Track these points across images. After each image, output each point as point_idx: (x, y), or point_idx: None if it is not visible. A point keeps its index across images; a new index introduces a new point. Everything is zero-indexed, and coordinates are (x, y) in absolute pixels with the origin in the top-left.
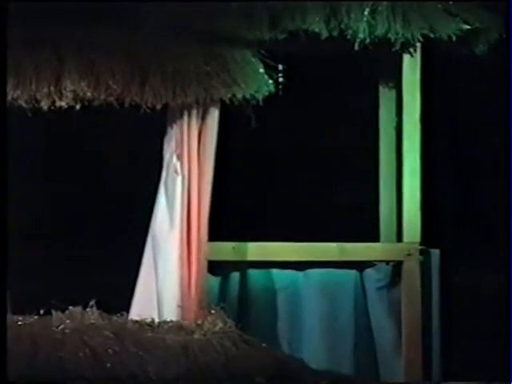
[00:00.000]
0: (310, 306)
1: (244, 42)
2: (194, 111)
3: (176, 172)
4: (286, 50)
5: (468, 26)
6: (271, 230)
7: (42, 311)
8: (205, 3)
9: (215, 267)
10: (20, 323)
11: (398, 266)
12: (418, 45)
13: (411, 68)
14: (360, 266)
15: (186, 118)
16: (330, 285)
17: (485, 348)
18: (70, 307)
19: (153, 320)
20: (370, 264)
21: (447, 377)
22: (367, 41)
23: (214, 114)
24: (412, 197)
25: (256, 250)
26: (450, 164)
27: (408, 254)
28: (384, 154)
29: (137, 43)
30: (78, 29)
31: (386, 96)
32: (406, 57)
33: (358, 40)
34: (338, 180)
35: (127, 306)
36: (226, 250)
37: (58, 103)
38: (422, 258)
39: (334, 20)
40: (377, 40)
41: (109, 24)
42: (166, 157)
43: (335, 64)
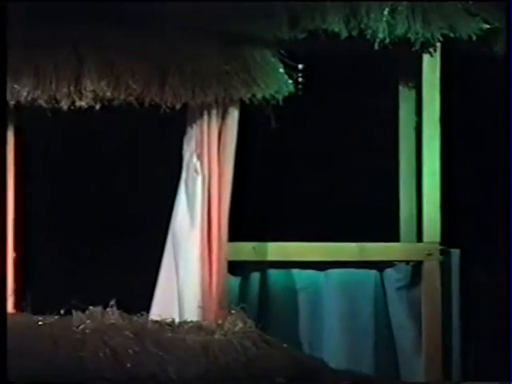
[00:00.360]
0: (330, 305)
1: (264, 41)
2: (213, 111)
3: (196, 172)
4: (305, 50)
5: (488, 26)
6: (291, 230)
7: (62, 311)
8: (224, 3)
9: (235, 267)
10: (40, 323)
11: (418, 265)
12: (438, 44)
13: (431, 68)
14: (380, 265)
15: (205, 117)
16: (350, 285)
17: (505, 348)
18: (91, 307)
19: (173, 320)
20: (390, 264)
21: (467, 376)
22: (387, 41)
23: (234, 114)
24: (432, 197)
25: (276, 250)
26: (469, 164)
27: (428, 254)
28: (404, 154)
29: (156, 43)
30: (97, 28)
31: (405, 96)
32: (426, 57)
33: (378, 40)
34: (357, 180)
35: (147, 306)
36: (247, 250)
37: (78, 103)
38: (442, 257)
39: (353, 20)
40: (396, 40)
41: (128, 24)
42: (185, 156)
43: (355, 64)
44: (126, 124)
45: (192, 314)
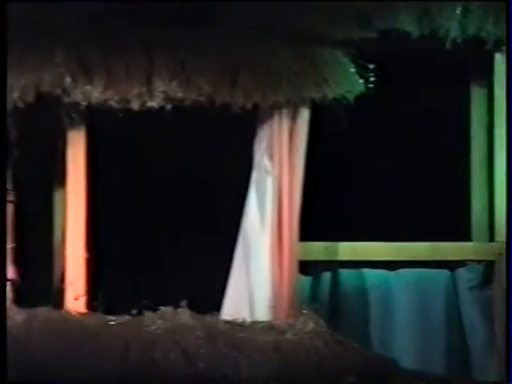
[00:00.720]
0: (402, 305)
1: (335, 41)
2: (284, 111)
3: (267, 172)
4: (376, 50)
5: None
6: (362, 230)
7: (133, 311)
8: (296, 2)
9: (306, 267)
10: (112, 323)
11: (490, 265)
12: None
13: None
14: (451, 265)
15: (276, 118)
16: (422, 284)
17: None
18: (162, 307)
19: (244, 320)
20: (462, 263)
21: None
22: (459, 40)
23: (305, 114)
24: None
25: (347, 250)
26: None
27: (500, 254)
28: (476, 153)
29: (227, 43)
30: (167, 29)
31: (477, 95)
32: (498, 56)
33: (450, 39)
34: (429, 179)
35: (218, 306)
36: (318, 250)
37: (149, 103)
38: None
39: (425, 19)
40: (468, 39)
41: (199, 24)
42: (256, 157)
43: (426, 63)
44: (195, 124)
45: (263, 314)
